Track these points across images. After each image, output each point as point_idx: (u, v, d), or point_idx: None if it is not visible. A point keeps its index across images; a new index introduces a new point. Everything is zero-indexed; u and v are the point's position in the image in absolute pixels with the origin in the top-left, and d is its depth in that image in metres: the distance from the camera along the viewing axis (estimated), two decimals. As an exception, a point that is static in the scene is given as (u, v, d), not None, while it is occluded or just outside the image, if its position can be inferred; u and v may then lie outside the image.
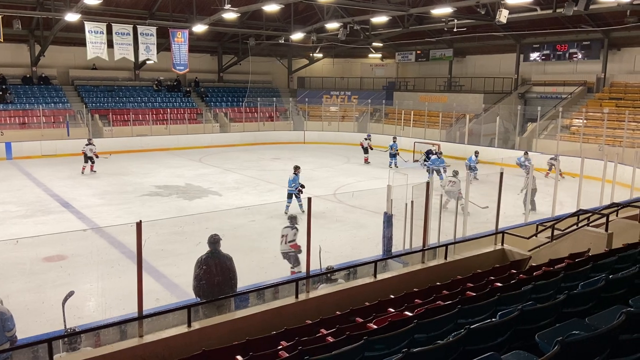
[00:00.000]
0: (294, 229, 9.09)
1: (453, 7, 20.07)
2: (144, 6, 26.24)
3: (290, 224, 9.24)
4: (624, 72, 25.34)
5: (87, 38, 22.57)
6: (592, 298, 4.05)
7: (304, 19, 27.98)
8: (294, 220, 9.25)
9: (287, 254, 9.18)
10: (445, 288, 6.31)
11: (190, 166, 22.17)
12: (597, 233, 8.21)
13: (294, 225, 9.16)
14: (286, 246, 9.15)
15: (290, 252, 9.14)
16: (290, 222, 9.27)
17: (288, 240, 9.08)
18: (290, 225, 9.20)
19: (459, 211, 10.17)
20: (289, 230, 9.13)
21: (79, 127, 26.58)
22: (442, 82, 33.63)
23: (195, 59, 29.81)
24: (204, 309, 6.18)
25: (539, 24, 24.69)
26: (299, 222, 9.18)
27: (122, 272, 7.93)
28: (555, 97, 26.89)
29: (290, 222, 9.27)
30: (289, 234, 9.12)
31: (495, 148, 23.17)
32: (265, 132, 31.11)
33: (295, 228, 9.09)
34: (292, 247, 9.07)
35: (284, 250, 9.20)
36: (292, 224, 9.21)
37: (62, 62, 29.19)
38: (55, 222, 13.08)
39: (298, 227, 9.09)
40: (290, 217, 9.43)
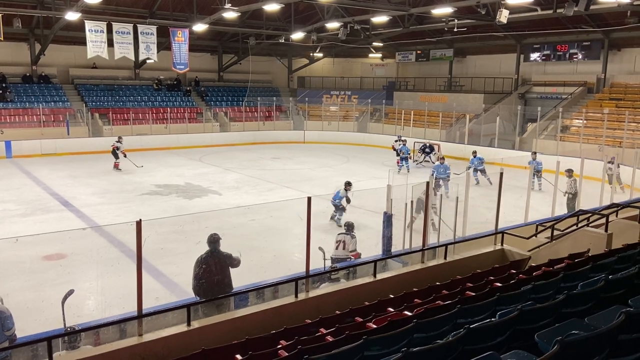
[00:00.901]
0: (354, 237, 9.05)
1: (453, 7, 20.06)
2: (144, 5, 26.23)
3: (346, 231, 9.19)
4: (624, 72, 25.35)
5: (87, 37, 22.55)
6: (591, 298, 4.06)
7: (304, 18, 27.98)
8: (351, 228, 9.21)
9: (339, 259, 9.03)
10: (444, 288, 6.32)
11: (190, 165, 22.17)
12: (597, 233, 8.22)
13: (350, 232, 9.11)
14: (343, 252, 9.03)
15: (344, 258, 9.04)
16: (347, 229, 9.23)
17: (350, 250, 9.00)
18: (347, 232, 9.15)
19: (458, 211, 10.16)
20: (348, 238, 9.06)
21: (79, 126, 26.59)
22: (442, 82, 33.62)
23: (195, 58, 29.80)
24: (204, 308, 6.18)
25: (540, 24, 24.70)
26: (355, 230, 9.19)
27: (121, 271, 7.93)
28: (555, 97, 26.89)
29: (346, 230, 9.23)
30: (347, 240, 9.04)
31: (495, 148, 23.17)
32: (265, 131, 31.11)
33: (353, 236, 9.06)
34: (354, 257, 8.98)
35: (338, 256, 9.05)
36: (348, 231, 9.17)
37: (62, 61, 29.18)
38: (54, 221, 13.08)
39: (355, 234, 9.09)
40: (347, 224, 9.38)
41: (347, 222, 9.52)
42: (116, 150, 20.35)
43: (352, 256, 9.03)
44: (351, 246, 9.03)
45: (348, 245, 9.03)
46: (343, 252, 9.04)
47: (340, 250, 9.08)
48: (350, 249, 9.02)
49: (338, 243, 9.14)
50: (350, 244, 9.05)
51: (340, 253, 9.05)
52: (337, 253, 9.07)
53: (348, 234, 9.13)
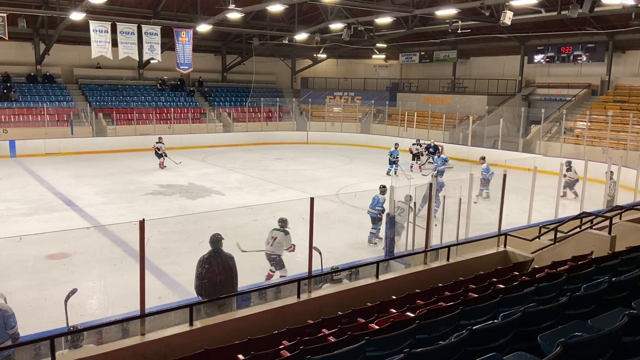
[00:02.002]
0: (287, 234, 8.79)
1: (457, 8, 20.04)
2: (148, 5, 26.30)
3: (280, 227, 8.86)
4: (629, 74, 25.27)
5: (91, 37, 22.61)
6: (594, 300, 4.04)
7: (308, 19, 27.99)
8: (285, 224, 8.89)
9: (272, 256, 8.89)
10: (447, 289, 6.30)
11: (193, 165, 22.20)
12: (601, 236, 8.19)
13: (284, 227, 8.83)
14: (275, 248, 8.84)
15: (275, 255, 8.88)
16: (281, 225, 8.88)
17: (285, 247, 8.78)
18: (281, 229, 8.83)
19: (462, 212, 10.15)
20: (282, 235, 8.78)
21: (83, 126, 26.66)
22: (445, 84, 33.58)
23: (199, 58, 29.86)
24: (206, 307, 6.19)
25: (544, 26, 24.65)
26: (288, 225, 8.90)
27: (124, 270, 7.95)
28: (559, 99, 26.83)
29: (280, 225, 8.88)
30: (280, 237, 8.76)
31: (499, 150, 23.12)
32: (268, 132, 31.14)
33: (287, 232, 8.79)
34: (290, 251, 8.85)
35: (270, 252, 8.89)
36: (282, 227, 8.85)
37: (66, 60, 29.28)
38: (58, 220, 13.12)
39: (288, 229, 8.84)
40: (280, 219, 8.99)
41: (281, 217, 9.05)
42: (157, 150, 20.89)
43: (289, 251, 8.83)
44: (285, 243, 8.74)
45: (281, 242, 8.76)
46: (271, 248, 8.84)
47: (269, 246, 8.88)
48: (285, 247, 8.77)
49: (272, 239, 8.89)
50: (284, 241, 8.75)
51: (274, 249, 8.85)
52: (269, 249, 8.89)
53: (281, 230, 8.80)
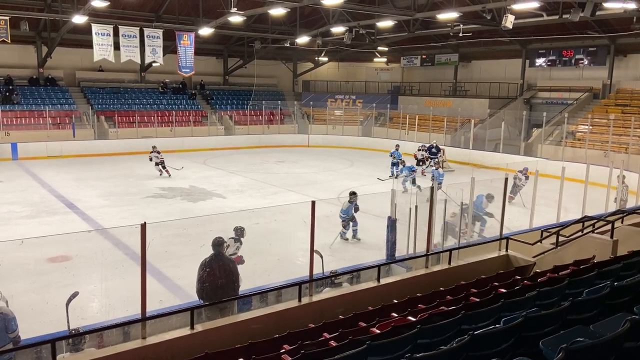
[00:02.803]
0: (239, 242, 8.51)
1: (459, 12, 20.07)
2: (150, 9, 26.37)
3: (235, 235, 8.59)
4: (630, 78, 25.27)
5: (93, 40, 22.68)
6: (596, 305, 4.03)
7: (310, 22, 28.03)
8: (240, 232, 8.64)
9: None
10: (449, 293, 6.29)
11: (194, 168, 22.22)
12: (602, 240, 8.17)
13: (239, 237, 8.56)
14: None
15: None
16: (236, 232, 8.64)
17: (230, 253, 8.21)
18: (235, 237, 8.55)
19: (463, 216, 10.14)
20: (233, 242, 8.46)
21: (85, 129, 26.72)
22: (447, 87, 33.59)
23: (200, 61, 29.92)
24: (207, 311, 6.18)
25: (545, 29, 24.67)
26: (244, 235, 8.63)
27: (126, 274, 7.94)
28: (560, 102, 26.82)
29: (235, 233, 8.63)
30: (232, 245, 8.43)
31: (500, 153, 23.11)
32: (269, 135, 31.17)
33: (240, 241, 8.52)
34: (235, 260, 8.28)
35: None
36: (237, 236, 8.59)
37: (68, 63, 29.35)
38: (60, 223, 13.13)
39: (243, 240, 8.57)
40: (236, 228, 8.71)
41: (237, 226, 8.74)
42: (151, 160, 20.24)
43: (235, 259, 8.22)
44: (231, 250, 8.37)
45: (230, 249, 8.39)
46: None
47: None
48: (230, 253, 8.29)
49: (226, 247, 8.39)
50: (232, 248, 8.42)
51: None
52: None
53: (234, 239, 8.54)
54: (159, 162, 20.20)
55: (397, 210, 9.85)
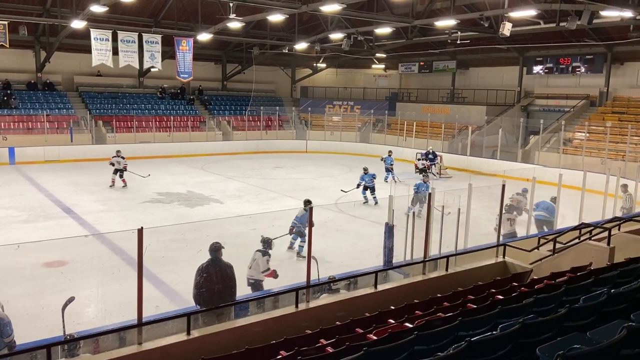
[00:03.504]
0: (265, 255, 8.23)
1: (456, 19, 20.14)
2: (149, 14, 26.44)
3: (263, 248, 8.33)
4: (627, 86, 25.39)
5: (92, 45, 22.70)
6: (593, 312, 4.04)
7: (308, 29, 28.13)
8: (268, 245, 8.38)
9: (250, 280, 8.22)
10: (446, 300, 6.29)
11: (192, 173, 22.21)
12: (599, 247, 8.18)
13: (267, 250, 8.27)
14: (254, 272, 8.24)
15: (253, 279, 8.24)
16: (264, 245, 8.36)
17: (262, 270, 8.13)
18: (263, 250, 8.29)
19: (460, 222, 10.14)
20: (259, 255, 8.23)
21: (83, 133, 26.70)
22: (445, 94, 33.69)
23: (199, 67, 29.97)
24: (204, 317, 6.16)
25: (542, 37, 24.80)
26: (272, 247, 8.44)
27: (122, 279, 7.92)
28: (558, 110, 26.92)
29: (263, 246, 8.36)
30: (260, 260, 8.19)
31: (498, 160, 23.16)
32: (267, 140, 31.19)
33: (265, 253, 8.25)
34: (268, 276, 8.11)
35: (252, 277, 8.25)
36: (265, 248, 8.31)
37: (67, 68, 29.37)
38: (56, 228, 13.10)
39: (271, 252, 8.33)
40: (264, 240, 8.43)
41: (265, 237, 8.42)
42: (113, 165, 18.62)
43: (266, 276, 8.15)
44: (262, 265, 8.11)
45: (259, 265, 8.19)
46: (249, 271, 8.27)
47: (253, 270, 8.26)
48: (261, 269, 8.14)
49: (252, 261, 8.31)
50: (261, 263, 8.12)
51: (253, 273, 8.26)
52: (250, 273, 8.28)
53: (262, 252, 8.24)
54: (121, 168, 18.53)
55: (395, 216, 9.87)
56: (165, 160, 25.75)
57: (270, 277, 8.13)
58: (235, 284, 6.56)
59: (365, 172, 17.20)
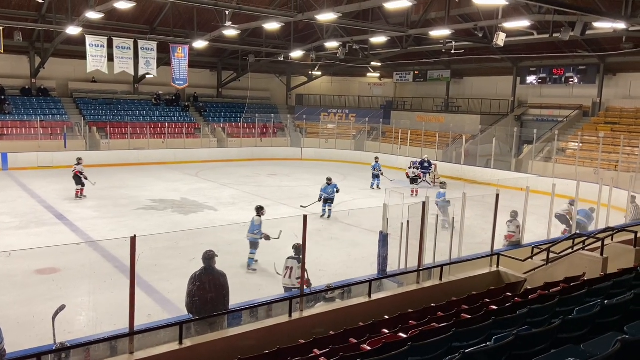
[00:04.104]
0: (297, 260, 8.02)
1: (451, 29, 20.29)
2: (145, 21, 26.46)
3: (295, 254, 8.20)
4: (620, 97, 25.59)
5: (87, 51, 22.67)
6: (587, 324, 4.03)
7: (304, 37, 28.23)
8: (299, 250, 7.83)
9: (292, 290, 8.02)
10: (440, 309, 6.28)
11: (186, 180, 22.14)
12: (593, 257, 8.21)
13: (299, 256, 7.88)
14: (289, 280, 8.20)
15: (291, 287, 8.12)
16: (296, 252, 8.21)
17: (296, 277, 7.96)
18: (296, 257, 8.10)
19: (455, 231, 10.15)
20: (295, 263, 8.07)
21: (76, 139, 26.58)
22: (439, 103, 33.86)
23: (194, 74, 29.96)
24: (196, 326, 6.11)
25: (536, 47, 24.99)
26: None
27: (114, 287, 7.86)
28: (551, 120, 27.09)
29: (295, 253, 8.22)
30: (296, 267, 8.06)
31: (492, 169, 23.24)
32: (262, 147, 31.17)
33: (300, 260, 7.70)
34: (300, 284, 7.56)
35: (291, 285, 8.16)
36: (297, 255, 8.12)
37: (61, 74, 29.29)
38: (49, 234, 12.99)
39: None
40: (295, 246, 8.22)
41: (296, 244, 8.17)
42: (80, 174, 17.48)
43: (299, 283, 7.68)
44: (298, 272, 7.75)
45: (295, 272, 8.10)
46: (289, 280, 8.21)
47: (287, 278, 8.24)
48: (296, 276, 7.97)
49: (287, 270, 8.24)
50: (297, 271, 7.90)
51: (288, 282, 8.24)
52: (286, 282, 8.27)
53: (296, 259, 8.10)
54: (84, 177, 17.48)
55: (389, 224, 9.86)
56: (159, 167, 25.67)
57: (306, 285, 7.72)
58: (229, 293, 6.51)
59: (329, 182, 16.08)
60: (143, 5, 23.15)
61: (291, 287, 8.15)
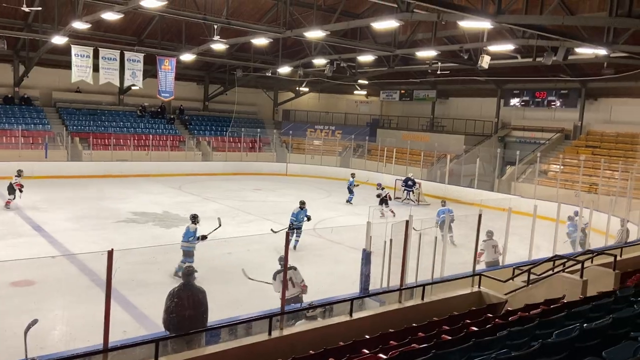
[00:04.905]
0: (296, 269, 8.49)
1: (437, 50, 20.59)
2: (132, 32, 26.40)
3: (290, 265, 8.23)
4: (600, 121, 26.09)
5: (72, 61, 22.50)
6: (566, 348, 4.03)
7: (292, 53, 28.41)
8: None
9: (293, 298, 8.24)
10: (421, 330, 6.23)
11: (169, 193, 21.92)
12: (572, 279, 8.26)
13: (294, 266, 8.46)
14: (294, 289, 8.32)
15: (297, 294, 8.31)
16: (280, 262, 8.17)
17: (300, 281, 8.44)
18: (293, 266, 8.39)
19: (437, 251, 10.16)
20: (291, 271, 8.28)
21: (58, 150, 26.23)
22: (424, 122, 34.19)
23: (181, 86, 29.90)
24: (173, 343, 5.98)
25: (520, 71, 25.45)
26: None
27: (90, 301, 7.68)
28: (533, 142, 27.49)
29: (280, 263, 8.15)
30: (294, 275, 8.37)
31: (475, 189, 23.44)
32: (247, 162, 31.08)
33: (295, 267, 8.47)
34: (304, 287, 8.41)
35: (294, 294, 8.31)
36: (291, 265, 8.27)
37: (45, 83, 29.00)
38: (26, 246, 12.72)
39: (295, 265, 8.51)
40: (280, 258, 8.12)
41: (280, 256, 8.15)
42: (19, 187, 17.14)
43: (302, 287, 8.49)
44: (298, 277, 8.45)
45: (296, 279, 8.39)
46: (295, 290, 8.34)
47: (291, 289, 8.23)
48: (299, 280, 8.46)
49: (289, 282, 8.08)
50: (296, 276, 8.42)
51: (293, 292, 8.30)
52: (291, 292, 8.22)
53: (291, 268, 8.24)
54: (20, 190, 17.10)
55: (372, 242, 9.83)
56: (142, 179, 25.41)
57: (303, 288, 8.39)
58: (207, 310, 6.41)
59: (301, 207, 14.55)
60: (131, 16, 23.10)
61: (297, 295, 8.31)
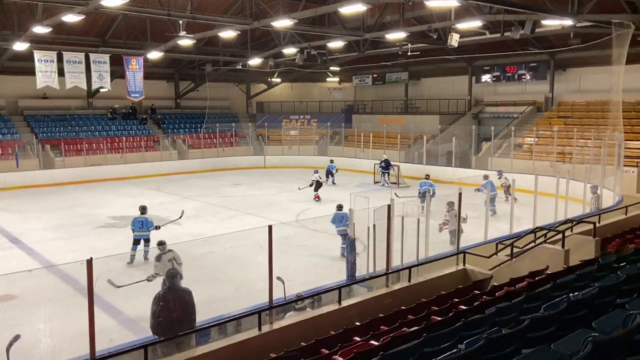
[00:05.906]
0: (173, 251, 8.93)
1: (406, 32, 20.58)
2: (96, 34, 25.75)
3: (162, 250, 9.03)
4: (570, 91, 26.49)
5: (36, 67, 21.89)
6: (555, 321, 4.07)
7: (261, 44, 28.10)
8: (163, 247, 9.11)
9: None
10: (410, 312, 6.26)
11: (147, 195, 21.56)
12: (555, 250, 8.39)
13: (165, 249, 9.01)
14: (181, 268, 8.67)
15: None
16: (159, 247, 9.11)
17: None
18: (170, 249, 8.98)
19: (421, 232, 10.21)
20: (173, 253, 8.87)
21: (29, 159, 25.55)
22: (399, 104, 34.27)
23: (151, 85, 29.36)
24: (162, 347, 5.90)
25: (489, 47, 25.60)
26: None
27: (74, 312, 7.50)
28: (507, 116, 27.80)
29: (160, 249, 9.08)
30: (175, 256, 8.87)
31: (453, 167, 23.62)
32: (224, 157, 30.75)
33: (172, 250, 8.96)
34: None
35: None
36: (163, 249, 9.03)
37: (10, 91, 28.18)
38: (3, 260, 12.39)
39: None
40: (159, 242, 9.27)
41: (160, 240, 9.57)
42: None
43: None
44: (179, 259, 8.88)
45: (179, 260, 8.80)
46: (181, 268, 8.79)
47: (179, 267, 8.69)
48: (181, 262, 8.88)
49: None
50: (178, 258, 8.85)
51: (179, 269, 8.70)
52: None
53: (170, 251, 9.01)
54: None
55: (356, 229, 9.84)
56: (118, 182, 24.95)
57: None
58: (195, 310, 6.32)
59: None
60: (93, 17, 22.53)
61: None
